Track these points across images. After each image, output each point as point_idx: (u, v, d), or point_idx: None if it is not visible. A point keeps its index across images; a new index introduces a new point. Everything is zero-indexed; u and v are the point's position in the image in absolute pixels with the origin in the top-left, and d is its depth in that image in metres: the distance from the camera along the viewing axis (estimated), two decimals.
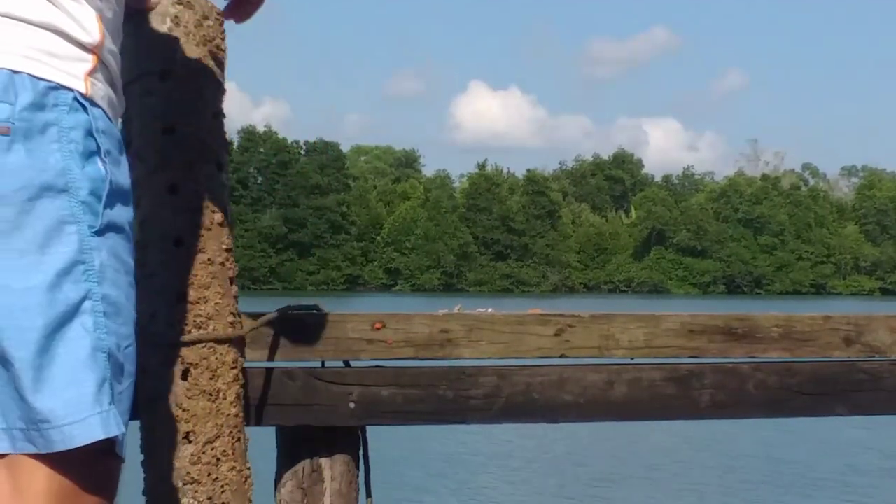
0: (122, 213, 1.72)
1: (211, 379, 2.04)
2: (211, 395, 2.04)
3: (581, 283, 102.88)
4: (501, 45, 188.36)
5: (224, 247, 2.14)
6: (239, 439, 2.07)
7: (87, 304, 1.64)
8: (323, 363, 2.28)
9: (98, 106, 1.73)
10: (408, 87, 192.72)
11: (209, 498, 2.03)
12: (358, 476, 2.33)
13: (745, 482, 13.26)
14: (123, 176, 1.75)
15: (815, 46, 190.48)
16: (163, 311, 2.06)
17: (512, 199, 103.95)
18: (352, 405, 2.26)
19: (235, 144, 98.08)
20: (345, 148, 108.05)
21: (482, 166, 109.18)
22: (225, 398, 2.04)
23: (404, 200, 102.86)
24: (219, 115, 2.16)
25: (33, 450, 1.62)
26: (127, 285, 1.71)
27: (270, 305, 2.42)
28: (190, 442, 2.04)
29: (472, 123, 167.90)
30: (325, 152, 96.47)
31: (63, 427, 1.61)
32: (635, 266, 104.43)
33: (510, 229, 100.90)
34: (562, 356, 2.35)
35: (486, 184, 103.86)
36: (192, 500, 2.04)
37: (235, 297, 2.13)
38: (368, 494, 2.38)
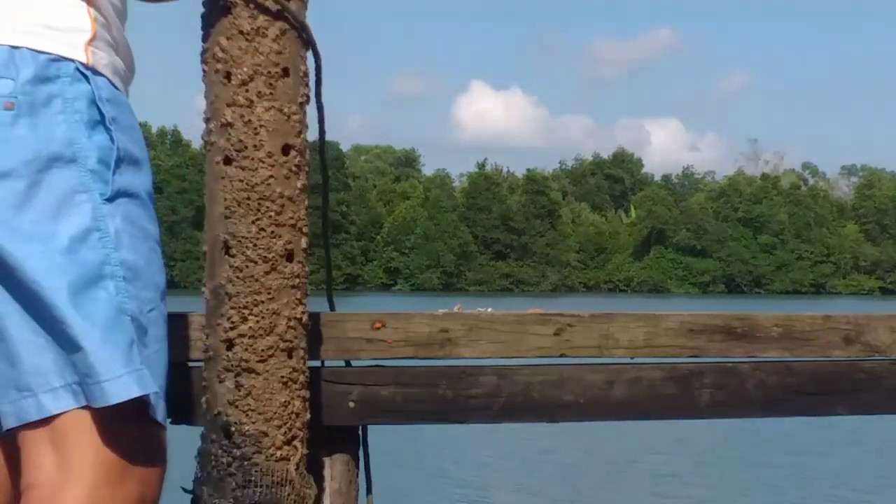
0: (135, 180, 1.73)
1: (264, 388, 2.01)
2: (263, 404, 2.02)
3: (581, 283, 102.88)
4: (503, 45, 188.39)
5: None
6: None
7: (106, 269, 1.66)
8: (323, 363, 2.28)
9: (101, 75, 1.73)
10: (409, 86, 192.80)
11: None
12: (358, 475, 2.33)
13: (751, 481, 13.27)
14: (134, 143, 1.75)
15: (816, 46, 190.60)
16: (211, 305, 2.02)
17: (512, 199, 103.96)
18: (352, 405, 2.26)
19: None
20: (345, 147, 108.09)
21: (482, 166, 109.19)
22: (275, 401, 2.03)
23: (404, 200, 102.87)
24: (287, 71, 2.03)
25: (93, 403, 1.65)
26: (147, 250, 1.73)
27: None
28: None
29: (473, 123, 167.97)
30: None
31: (102, 384, 1.64)
32: (635, 265, 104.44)
33: (510, 229, 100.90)
34: (562, 356, 2.35)
35: (486, 183, 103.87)
36: None
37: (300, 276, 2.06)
38: (369, 491, 2.38)
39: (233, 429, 1.99)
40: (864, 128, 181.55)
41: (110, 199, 1.69)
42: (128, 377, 1.64)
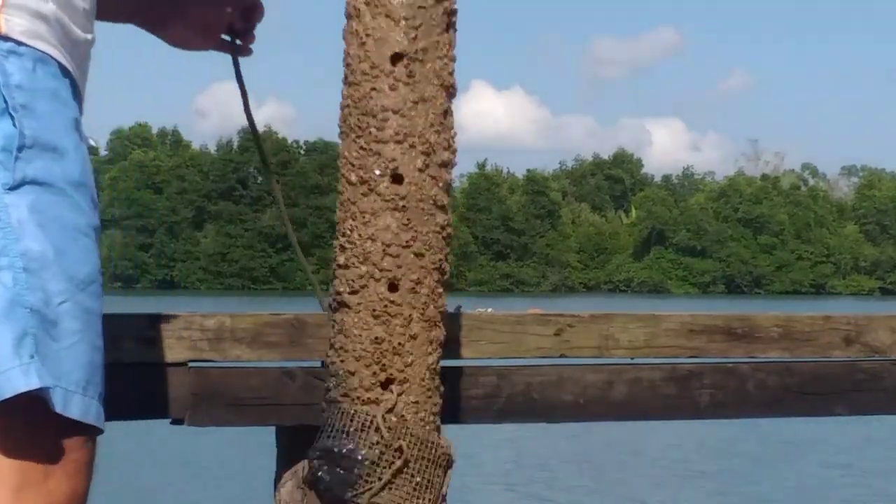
0: (52, 169, 1.65)
1: None
2: None
3: (581, 283, 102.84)
4: (505, 45, 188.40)
5: None
6: None
7: (3, 261, 1.60)
8: (323, 363, 2.28)
9: (22, 44, 1.65)
10: None
11: None
12: None
13: (745, 482, 13.27)
14: (53, 130, 1.67)
15: (817, 47, 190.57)
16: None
17: (512, 199, 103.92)
18: None
19: (235, 144, 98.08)
20: None
21: (482, 166, 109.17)
22: None
23: None
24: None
25: None
26: (64, 240, 1.65)
27: (270, 306, 2.41)
28: None
29: (474, 124, 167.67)
30: (324, 152, 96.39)
31: None
32: (635, 266, 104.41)
33: (510, 229, 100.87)
34: (561, 356, 2.35)
35: (486, 183, 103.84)
36: None
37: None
38: None
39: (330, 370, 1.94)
40: (864, 128, 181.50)
41: (14, 188, 1.61)
42: (13, 372, 1.56)
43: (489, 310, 2.37)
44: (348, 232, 1.89)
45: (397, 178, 1.87)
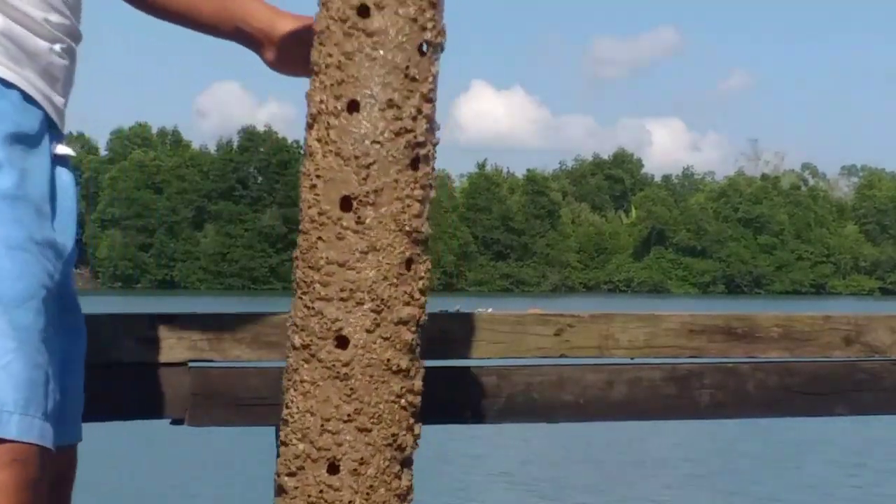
0: None
1: None
2: None
3: (581, 283, 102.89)
4: (505, 45, 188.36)
5: None
6: None
7: None
8: None
9: None
10: None
11: None
12: None
13: (745, 482, 13.27)
14: None
15: (817, 47, 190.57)
16: None
17: (512, 199, 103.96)
18: None
19: (235, 144, 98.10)
20: None
21: (482, 166, 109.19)
22: None
23: None
24: None
25: None
26: None
27: (270, 306, 2.41)
28: None
29: (474, 124, 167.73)
30: None
31: None
32: (635, 266, 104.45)
33: (510, 229, 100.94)
34: (562, 356, 2.35)
35: (486, 183, 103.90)
36: None
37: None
38: None
39: None
40: (864, 128, 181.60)
41: None
42: None
43: (489, 310, 2.37)
44: (289, 405, 1.70)
45: (341, 342, 1.66)
